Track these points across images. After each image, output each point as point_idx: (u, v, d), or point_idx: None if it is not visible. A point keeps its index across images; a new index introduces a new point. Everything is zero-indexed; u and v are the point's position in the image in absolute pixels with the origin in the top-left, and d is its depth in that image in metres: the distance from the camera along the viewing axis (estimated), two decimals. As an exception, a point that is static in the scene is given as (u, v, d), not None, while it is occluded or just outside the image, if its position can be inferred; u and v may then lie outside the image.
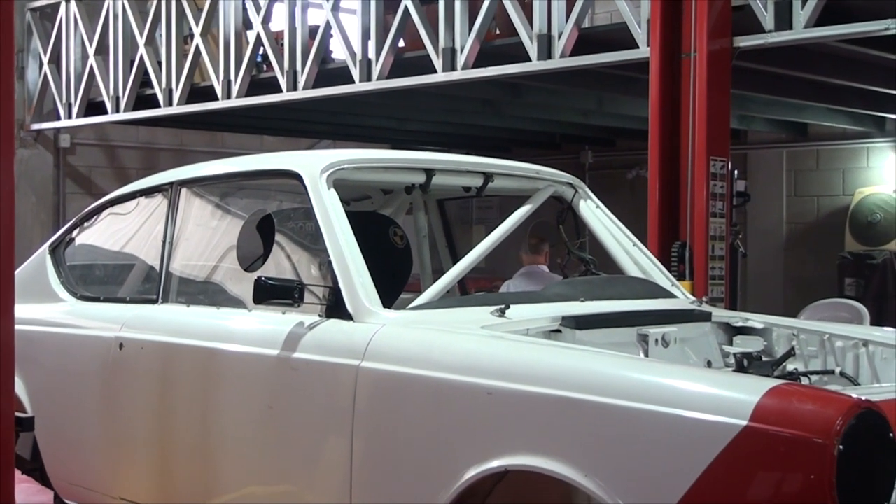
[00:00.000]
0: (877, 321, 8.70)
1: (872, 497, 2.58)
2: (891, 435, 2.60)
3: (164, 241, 4.56)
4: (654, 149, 6.82)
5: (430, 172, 4.32)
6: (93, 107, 11.19)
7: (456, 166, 4.48)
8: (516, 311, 3.73)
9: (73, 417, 4.74)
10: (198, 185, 4.62)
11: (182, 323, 4.27)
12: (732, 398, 2.67)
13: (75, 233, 5.29)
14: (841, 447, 2.50)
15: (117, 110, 10.70)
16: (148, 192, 4.90)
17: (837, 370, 3.95)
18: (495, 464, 3.01)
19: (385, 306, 3.64)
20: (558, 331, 3.72)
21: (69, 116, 11.31)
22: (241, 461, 3.92)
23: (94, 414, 4.57)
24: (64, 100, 11.35)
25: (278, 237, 4.01)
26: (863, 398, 2.62)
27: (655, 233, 6.77)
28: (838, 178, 12.26)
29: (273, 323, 3.82)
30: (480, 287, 6.17)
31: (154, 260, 4.63)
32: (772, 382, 2.71)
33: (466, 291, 5.31)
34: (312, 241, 3.90)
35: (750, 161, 12.64)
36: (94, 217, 5.24)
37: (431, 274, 5.22)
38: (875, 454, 2.59)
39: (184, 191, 4.61)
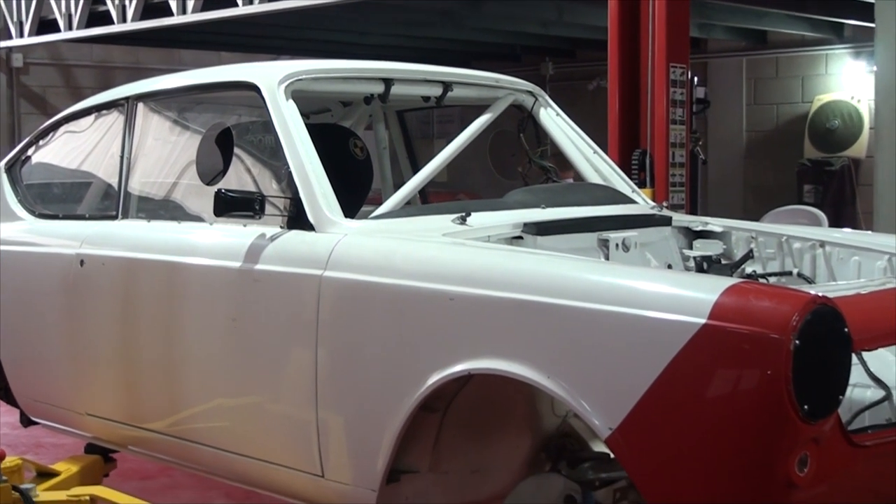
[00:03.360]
0: (835, 227, 8.81)
1: (828, 391, 2.62)
2: (846, 330, 2.63)
3: (121, 157, 4.51)
4: (614, 55, 6.79)
5: (388, 82, 4.28)
6: (45, 25, 10.98)
7: (415, 75, 4.44)
8: (477, 219, 3.74)
9: (37, 335, 4.72)
10: (154, 99, 4.56)
11: (143, 238, 4.25)
12: (691, 297, 2.69)
13: (31, 151, 5.22)
14: (797, 342, 2.52)
15: (70, 28, 10.51)
16: (104, 107, 4.83)
17: (795, 271, 4.01)
18: (459, 368, 3.03)
19: (347, 217, 3.63)
20: (520, 237, 3.74)
21: (21, 35, 11.11)
22: (205, 374, 3.93)
23: (57, 331, 4.56)
24: (14, 18, 11.13)
25: (237, 151, 3.97)
26: (819, 294, 2.66)
27: (616, 141, 6.79)
28: (797, 85, 12.30)
29: (234, 235, 3.80)
30: (443, 201, 6.15)
31: (112, 176, 4.58)
32: (730, 281, 2.72)
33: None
34: (272, 153, 3.87)
35: (710, 70, 12.65)
36: (50, 134, 5.16)
37: (393, 186, 5.19)
38: (830, 349, 2.62)
39: (140, 105, 4.55)
